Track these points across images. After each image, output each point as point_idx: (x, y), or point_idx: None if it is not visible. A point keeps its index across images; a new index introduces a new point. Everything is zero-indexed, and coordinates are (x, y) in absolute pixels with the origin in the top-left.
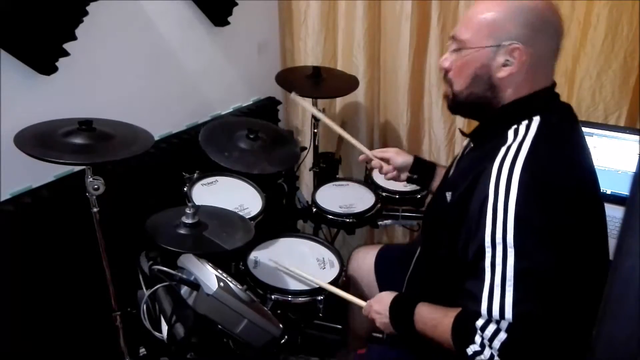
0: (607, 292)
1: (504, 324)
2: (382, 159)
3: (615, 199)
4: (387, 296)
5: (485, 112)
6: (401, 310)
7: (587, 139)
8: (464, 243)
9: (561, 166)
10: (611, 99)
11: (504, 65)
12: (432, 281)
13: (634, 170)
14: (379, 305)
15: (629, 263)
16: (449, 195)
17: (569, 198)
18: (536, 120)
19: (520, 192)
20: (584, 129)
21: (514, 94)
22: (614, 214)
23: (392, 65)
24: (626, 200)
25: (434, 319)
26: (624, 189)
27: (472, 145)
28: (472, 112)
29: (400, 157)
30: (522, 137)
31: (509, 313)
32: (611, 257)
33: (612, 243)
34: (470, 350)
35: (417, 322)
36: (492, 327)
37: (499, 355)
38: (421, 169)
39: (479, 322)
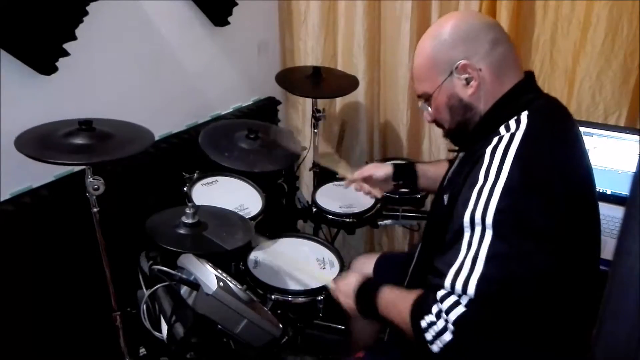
0: (607, 292)
1: (464, 299)
2: (364, 179)
3: (615, 199)
4: (354, 279)
5: (471, 129)
6: (366, 294)
7: (587, 139)
8: None
9: (551, 163)
10: (611, 99)
11: (467, 84)
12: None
13: (634, 170)
14: (346, 287)
15: (629, 263)
16: (445, 197)
17: (556, 195)
18: (524, 115)
19: (508, 181)
20: (584, 129)
21: (489, 101)
22: (614, 214)
23: (392, 65)
24: (626, 200)
25: (396, 297)
26: (624, 189)
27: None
28: (466, 136)
29: (380, 170)
30: (514, 129)
31: (471, 289)
32: (611, 257)
33: (612, 243)
34: (425, 322)
35: (380, 305)
36: (452, 299)
37: (453, 330)
38: (403, 173)
39: (440, 293)
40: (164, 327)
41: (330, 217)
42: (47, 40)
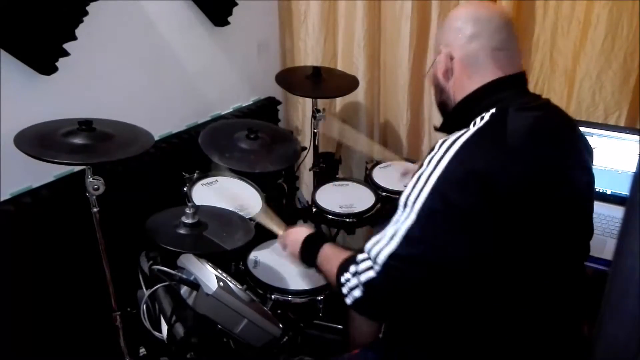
0: (607, 292)
1: (376, 267)
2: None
3: (615, 199)
4: (304, 231)
5: (447, 114)
6: (311, 245)
7: (587, 139)
8: None
9: (495, 159)
10: (611, 99)
11: (444, 68)
12: None
13: (634, 170)
14: (295, 235)
15: (629, 263)
16: None
17: (490, 191)
18: (489, 113)
19: (444, 172)
20: (584, 129)
21: (458, 93)
22: (614, 214)
23: (392, 65)
24: (626, 200)
25: (332, 254)
26: (624, 189)
27: None
28: (444, 117)
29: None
30: (473, 126)
31: (381, 259)
32: (611, 257)
33: (612, 243)
34: (344, 278)
35: (320, 257)
36: (367, 264)
37: (362, 290)
38: None
39: (360, 256)
40: (164, 327)
41: (330, 217)
42: (47, 40)
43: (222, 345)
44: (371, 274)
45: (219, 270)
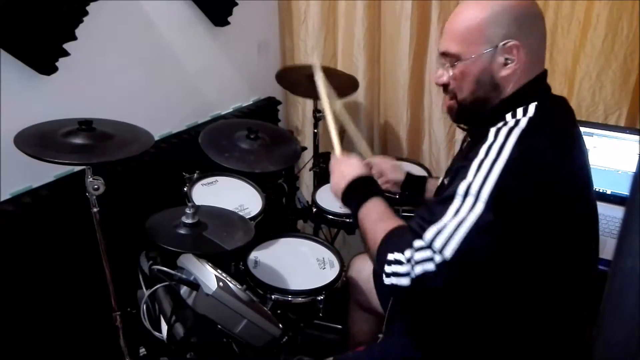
0: (607, 292)
1: (438, 258)
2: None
3: (615, 199)
4: (356, 167)
5: (486, 110)
6: (360, 187)
7: (587, 139)
8: None
9: (549, 154)
10: (611, 99)
11: (505, 64)
12: None
13: (634, 170)
14: (346, 167)
15: (629, 263)
16: (446, 180)
17: (551, 185)
18: (533, 105)
19: (509, 161)
20: (584, 129)
21: (514, 87)
22: (614, 214)
23: (392, 65)
24: (626, 200)
25: (380, 214)
26: (624, 189)
27: (469, 139)
28: (476, 115)
29: (394, 174)
30: (520, 116)
31: (449, 251)
32: (611, 257)
33: (612, 243)
34: (392, 256)
35: (363, 208)
36: (426, 253)
37: (412, 279)
38: (412, 186)
39: (418, 243)
40: (164, 327)
41: (330, 217)
42: (47, 40)
43: (222, 345)
44: (429, 266)
45: (218, 270)
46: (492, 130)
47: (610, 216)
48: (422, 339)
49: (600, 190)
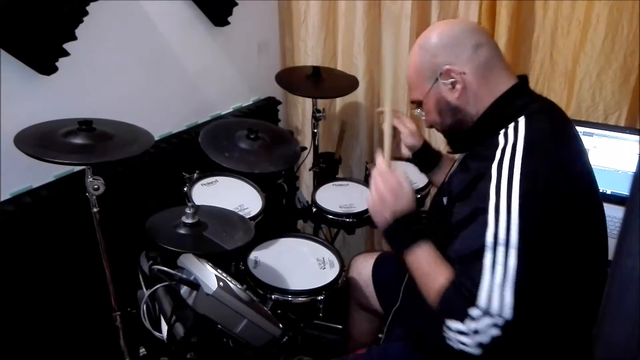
0: (607, 292)
1: (500, 321)
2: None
3: (615, 199)
4: (408, 200)
5: (467, 131)
6: (407, 230)
7: (587, 139)
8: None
9: (554, 168)
10: (611, 99)
11: (452, 88)
12: None
13: (634, 170)
14: (395, 198)
15: (629, 263)
16: (445, 199)
17: (564, 198)
18: (522, 121)
19: (523, 196)
20: (584, 129)
21: (479, 104)
22: (614, 214)
23: None
24: (626, 200)
25: (430, 264)
26: (624, 189)
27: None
28: (459, 137)
29: (410, 139)
30: (513, 139)
31: (507, 312)
32: (611, 257)
33: (612, 243)
34: (453, 325)
35: (412, 254)
36: (486, 321)
37: (484, 349)
38: (423, 159)
39: (474, 312)
40: (164, 327)
41: (330, 217)
42: (47, 40)
43: (222, 345)
44: (495, 332)
45: (219, 270)
46: (494, 167)
47: (610, 216)
48: (423, 342)
49: (600, 190)
